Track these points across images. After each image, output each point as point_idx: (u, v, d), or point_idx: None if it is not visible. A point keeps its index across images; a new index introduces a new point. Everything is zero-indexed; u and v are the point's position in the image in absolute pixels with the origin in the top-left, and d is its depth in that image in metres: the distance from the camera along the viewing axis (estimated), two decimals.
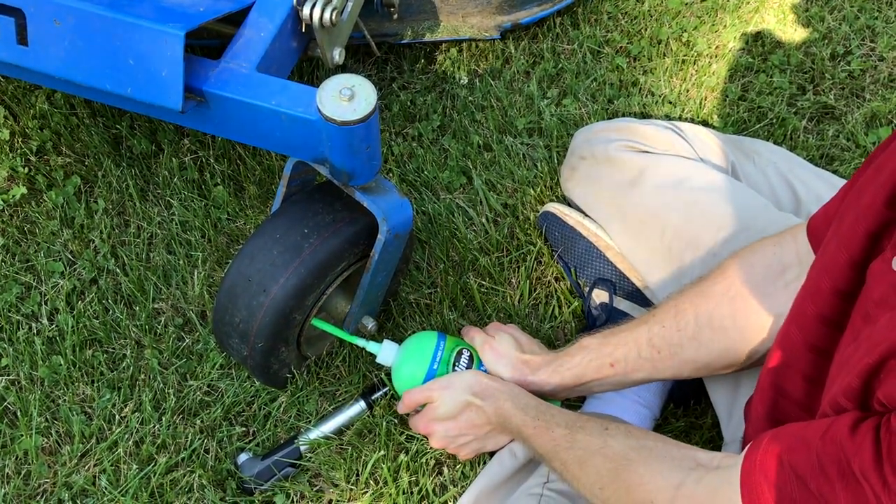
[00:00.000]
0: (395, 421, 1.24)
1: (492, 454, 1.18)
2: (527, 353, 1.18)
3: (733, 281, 1.04)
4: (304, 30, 1.17)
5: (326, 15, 1.13)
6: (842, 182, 1.30)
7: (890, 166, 0.78)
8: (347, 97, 0.98)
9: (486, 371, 1.18)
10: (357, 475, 1.21)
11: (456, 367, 1.18)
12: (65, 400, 1.27)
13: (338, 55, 1.23)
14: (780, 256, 1.02)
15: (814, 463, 0.72)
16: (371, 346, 1.22)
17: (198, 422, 1.26)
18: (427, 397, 1.15)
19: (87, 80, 1.03)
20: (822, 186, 1.33)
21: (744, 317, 1.02)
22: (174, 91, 0.99)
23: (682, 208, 1.25)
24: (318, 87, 0.99)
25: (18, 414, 1.26)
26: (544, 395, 1.14)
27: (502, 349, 1.18)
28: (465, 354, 1.19)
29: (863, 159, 1.50)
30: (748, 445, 0.82)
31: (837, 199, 0.93)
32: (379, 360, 1.21)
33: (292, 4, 1.13)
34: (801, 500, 0.73)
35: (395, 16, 1.46)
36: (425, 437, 1.19)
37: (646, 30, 1.72)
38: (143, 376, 1.30)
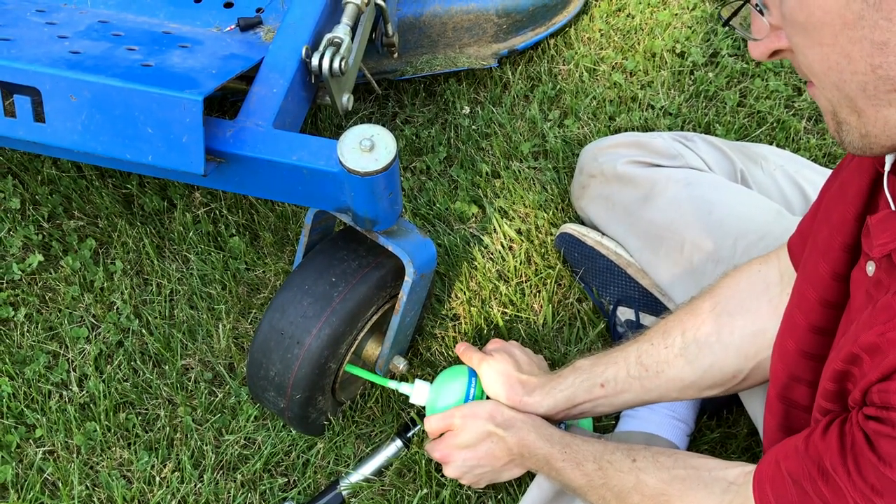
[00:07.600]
0: None
1: (532, 476, 1.18)
2: (525, 373, 1.16)
3: (719, 299, 1.08)
4: (312, 81, 1.18)
5: (336, 64, 1.14)
6: None
7: (856, 183, 0.83)
8: (368, 147, 1.00)
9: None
10: None
11: None
12: (103, 466, 1.27)
13: (346, 101, 1.24)
14: (764, 275, 1.06)
15: (802, 466, 0.78)
16: (403, 388, 1.22)
17: (238, 476, 1.26)
18: (449, 424, 1.14)
19: (107, 152, 1.03)
20: None
21: (728, 332, 1.05)
22: (196, 156, 1.00)
23: (699, 221, 1.27)
24: (322, 134, 1.00)
25: (59, 484, 1.26)
26: (541, 417, 1.13)
27: (500, 367, 1.16)
28: None
29: None
30: (760, 460, 0.87)
31: (809, 217, 0.97)
32: (412, 400, 1.22)
33: (300, 57, 1.14)
34: (800, 501, 0.79)
35: (396, 55, 1.47)
36: (440, 464, 1.17)
37: (639, 44, 1.74)
38: (178, 435, 1.30)
